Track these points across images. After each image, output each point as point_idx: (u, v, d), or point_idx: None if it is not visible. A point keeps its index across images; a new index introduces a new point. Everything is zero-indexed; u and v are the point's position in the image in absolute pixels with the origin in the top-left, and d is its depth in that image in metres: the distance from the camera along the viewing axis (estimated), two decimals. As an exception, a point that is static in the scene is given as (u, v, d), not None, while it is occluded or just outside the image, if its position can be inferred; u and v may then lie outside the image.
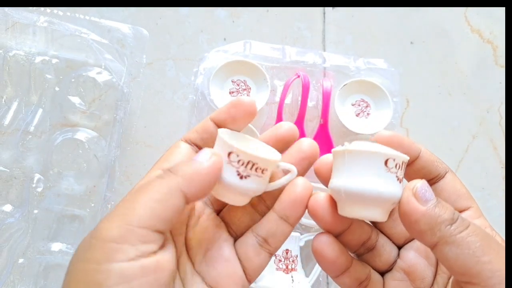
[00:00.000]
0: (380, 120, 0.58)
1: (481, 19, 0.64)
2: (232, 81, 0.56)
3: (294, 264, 0.54)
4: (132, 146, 0.57)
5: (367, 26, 0.63)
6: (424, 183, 0.26)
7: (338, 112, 0.57)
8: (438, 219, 0.25)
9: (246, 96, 0.26)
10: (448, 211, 0.25)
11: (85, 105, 0.55)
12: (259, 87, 0.56)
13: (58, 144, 0.54)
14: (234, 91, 0.56)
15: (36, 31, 0.54)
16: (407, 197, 0.26)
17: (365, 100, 0.59)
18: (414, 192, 0.26)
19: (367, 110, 0.59)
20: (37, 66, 0.54)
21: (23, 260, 0.51)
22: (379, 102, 0.58)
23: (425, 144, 0.62)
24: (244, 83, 0.57)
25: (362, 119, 0.59)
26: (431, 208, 0.25)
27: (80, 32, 0.54)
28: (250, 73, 0.56)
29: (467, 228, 0.25)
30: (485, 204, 0.58)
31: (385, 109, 0.58)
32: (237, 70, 0.56)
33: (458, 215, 0.26)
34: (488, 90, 0.64)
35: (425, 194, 0.26)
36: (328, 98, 0.56)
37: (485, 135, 0.64)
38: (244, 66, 0.56)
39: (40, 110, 0.54)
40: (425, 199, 0.26)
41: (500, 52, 0.64)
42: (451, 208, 0.26)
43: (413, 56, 0.63)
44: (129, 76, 0.56)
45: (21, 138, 0.53)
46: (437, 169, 0.30)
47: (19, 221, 0.52)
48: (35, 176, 0.53)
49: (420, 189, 0.26)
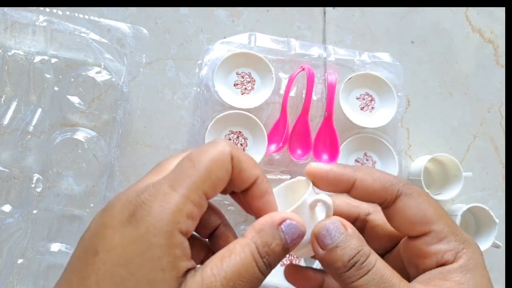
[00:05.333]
0: (384, 115, 0.58)
1: (482, 19, 0.64)
2: (236, 73, 0.56)
3: (298, 260, 0.54)
4: (131, 146, 0.57)
5: (367, 25, 0.62)
6: (329, 223, 0.26)
7: (342, 105, 0.56)
8: (333, 265, 0.25)
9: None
10: (345, 256, 0.25)
11: (85, 105, 0.55)
12: (263, 80, 0.56)
13: (57, 144, 0.54)
14: (238, 83, 0.57)
15: (36, 30, 0.54)
16: (312, 238, 0.26)
17: (369, 94, 0.59)
18: (316, 234, 0.26)
19: (371, 104, 0.59)
20: (36, 66, 0.54)
21: (22, 260, 0.51)
22: (383, 96, 0.58)
23: (425, 144, 0.63)
24: (249, 76, 0.57)
25: (367, 113, 0.58)
26: (327, 253, 0.25)
27: (79, 32, 0.54)
28: (254, 66, 0.56)
29: (366, 274, 0.24)
30: (486, 204, 0.57)
31: (390, 103, 0.58)
32: (241, 62, 0.56)
33: (357, 260, 0.25)
34: (489, 90, 0.64)
35: (324, 237, 0.26)
36: (333, 91, 0.56)
37: (486, 135, 0.63)
38: (249, 58, 0.56)
39: (39, 109, 0.54)
40: (323, 243, 0.26)
41: (501, 51, 0.64)
42: (351, 250, 0.25)
43: (413, 56, 0.63)
44: (129, 76, 0.55)
45: (20, 138, 0.53)
46: (380, 196, 0.27)
47: (18, 222, 0.52)
48: (34, 176, 0.53)
49: (321, 231, 0.26)
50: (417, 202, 0.27)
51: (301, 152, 0.57)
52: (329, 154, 0.57)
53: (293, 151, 0.57)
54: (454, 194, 0.57)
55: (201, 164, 0.25)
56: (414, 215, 0.26)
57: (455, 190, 0.57)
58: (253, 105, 0.55)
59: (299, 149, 0.57)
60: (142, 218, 0.23)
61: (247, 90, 0.56)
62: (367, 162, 0.58)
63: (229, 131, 0.55)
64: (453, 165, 0.58)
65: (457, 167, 0.57)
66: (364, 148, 0.58)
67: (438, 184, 0.61)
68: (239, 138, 0.56)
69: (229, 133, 0.55)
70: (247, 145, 0.55)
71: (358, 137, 0.57)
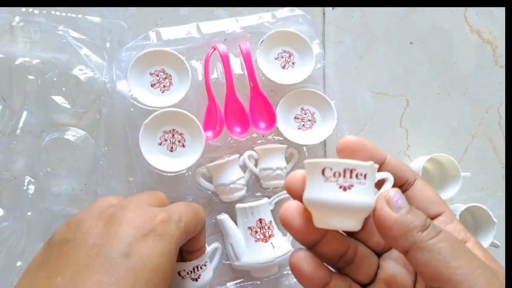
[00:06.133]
0: (306, 67, 0.57)
1: (480, 19, 0.64)
2: (150, 74, 0.55)
3: (270, 230, 0.54)
4: (118, 141, 0.56)
5: (366, 26, 0.62)
6: (397, 191, 0.27)
7: (263, 69, 0.56)
8: (410, 225, 0.26)
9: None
10: (420, 218, 0.26)
11: (69, 104, 0.54)
12: (178, 72, 0.55)
13: (45, 145, 0.53)
14: (155, 83, 0.55)
15: (13, 31, 0.53)
16: (380, 204, 0.27)
17: (286, 50, 0.58)
18: (387, 199, 0.27)
19: (291, 60, 0.58)
20: (17, 68, 0.53)
21: (21, 263, 0.50)
22: (301, 49, 0.58)
23: (424, 144, 0.63)
24: (163, 72, 0.55)
25: (289, 69, 0.58)
26: (403, 215, 0.26)
27: (57, 30, 0.53)
28: (165, 61, 0.54)
29: (438, 235, 0.26)
30: (484, 204, 0.58)
31: (308, 54, 0.57)
32: (151, 62, 0.54)
33: (430, 222, 0.26)
34: (488, 90, 0.64)
35: (397, 201, 0.27)
36: (250, 59, 0.55)
37: (485, 135, 0.64)
38: (156, 55, 0.54)
39: (24, 112, 0.53)
40: (397, 206, 0.26)
41: (499, 52, 0.64)
42: (422, 215, 0.27)
43: (412, 56, 0.63)
44: (110, 71, 0.55)
45: (8, 141, 0.52)
46: (405, 176, 0.31)
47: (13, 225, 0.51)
48: (26, 179, 0.53)
49: (393, 197, 0.27)
50: (429, 188, 0.31)
51: (240, 129, 0.56)
52: (267, 121, 0.57)
53: (232, 130, 0.56)
54: (453, 194, 0.57)
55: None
56: (431, 197, 0.30)
57: (454, 190, 0.57)
58: (177, 100, 0.53)
59: (237, 126, 0.56)
60: None
61: (166, 87, 0.55)
62: (306, 115, 0.58)
63: (162, 132, 0.53)
64: (452, 165, 0.58)
65: (455, 167, 0.58)
66: (299, 103, 0.58)
67: (436, 184, 0.61)
68: (174, 136, 0.54)
69: (162, 134, 0.53)
70: (185, 140, 0.54)
71: (290, 95, 0.57)
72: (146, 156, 0.51)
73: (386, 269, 0.31)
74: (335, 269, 0.32)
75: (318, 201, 0.27)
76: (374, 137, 0.61)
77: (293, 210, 0.29)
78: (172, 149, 0.53)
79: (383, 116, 0.62)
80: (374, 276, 0.31)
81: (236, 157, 0.54)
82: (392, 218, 0.26)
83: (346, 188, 0.27)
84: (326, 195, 0.27)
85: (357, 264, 0.31)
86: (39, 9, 0.54)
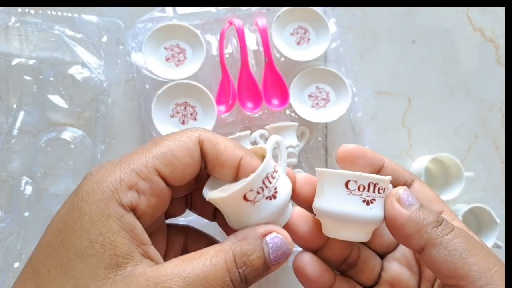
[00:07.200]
0: (321, 44, 0.57)
1: (483, 18, 0.64)
2: (165, 48, 0.55)
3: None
4: (115, 139, 0.56)
5: (368, 25, 0.62)
6: (405, 188, 0.27)
7: (278, 45, 0.55)
8: (424, 221, 0.25)
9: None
10: (433, 214, 0.26)
11: (66, 103, 0.54)
12: (193, 46, 0.55)
13: (43, 145, 0.53)
14: (169, 57, 0.55)
15: (9, 32, 0.53)
16: (391, 202, 0.27)
17: (302, 26, 0.57)
18: (397, 197, 0.27)
19: (306, 36, 0.57)
20: (14, 68, 0.53)
21: (18, 264, 0.50)
22: (316, 25, 0.57)
23: (426, 144, 0.62)
24: (178, 47, 0.55)
25: (304, 46, 0.57)
26: (415, 211, 0.26)
27: (53, 29, 0.53)
28: (180, 35, 0.55)
29: (453, 230, 0.25)
30: (486, 204, 0.57)
31: (324, 31, 0.57)
32: (166, 36, 0.54)
33: (443, 218, 0.26)
34: (490, 89, 0.64)
35: (407, 198, 0.26)
36: (266, 35, 0.55)
37: (487, 135, 0.63)
38: (172, 29, 0.54)
39: (21, 112, 0.53)
40: (408, 203, 0.26)
41: (502, 51, 0.64)
42: (434, 211, 0.26)
43: (414, 55, 0.63)
44: (107, 69, 0.55)
45: (5, 141, 0.52)
46: (403, 178, 0.31)
47: (10, 226, 0.51)
48: (23, 179, 0.53)
49: (403, 194, 0.27)
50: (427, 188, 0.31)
51: (252, 105, 0.56)
52: (280, 98, 0.56)
53: (244, 105, 0.56)
54: (455, 195, 0.57)
55: (160, 143, 0.25)
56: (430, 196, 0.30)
57: (456, 190, 0.57)
58: (191, 73, 0.53)
59: (249, 102, 0.56)
60: (82, 187, 0.23)
61: (180, 62, 0.55)
62: (321, 94, 0.57)
63: (174, 104, 0.54)
64: (454, 165, 0.58)
65: (458, 167, 0.57)
66: (314, 81, 0.57)
67: (439, 184, 0.61)
68: (186, 109, 0.54)
69: (175, 107, 0.54)
70: (197, 114, 0.54)
71: (305, 73, 0.56)
72: (158, 127, 0.52)
73: (390, 271, 0.31)
74: (338, 271, 0.31)
75: (338, 213, 0.27)
76: (376, 137, 0.61)
77: (296, 215, 0.29)
78: (184, 122, 0.54)
79: (385, 115, 0.62)
80: (378, 278, 0.31)
81: (247, 133, 0.53)
82: (405, 215, 0.26)
83: (369, 202, 0.27)
84: (348, 208, 0.26)
85: (361, 267, 0.31)
86: (35, 9, 0.53)
